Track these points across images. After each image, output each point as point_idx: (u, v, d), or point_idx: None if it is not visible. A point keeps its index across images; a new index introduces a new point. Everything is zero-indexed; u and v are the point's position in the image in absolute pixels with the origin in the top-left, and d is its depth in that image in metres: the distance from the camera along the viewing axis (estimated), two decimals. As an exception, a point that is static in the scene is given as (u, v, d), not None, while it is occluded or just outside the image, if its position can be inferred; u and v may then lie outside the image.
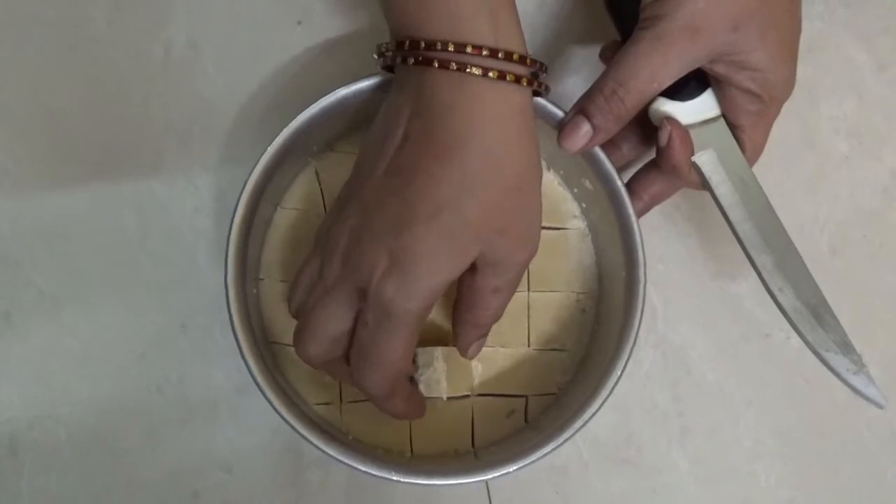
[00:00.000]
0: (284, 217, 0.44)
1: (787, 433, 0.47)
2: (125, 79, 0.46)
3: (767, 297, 0.48)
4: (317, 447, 0.38)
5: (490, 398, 0.44)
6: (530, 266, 0.45)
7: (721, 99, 0.40)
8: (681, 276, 0.48)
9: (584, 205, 0.45)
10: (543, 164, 0.45)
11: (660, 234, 0.48)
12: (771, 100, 0.39)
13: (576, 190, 0.45)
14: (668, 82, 0.38)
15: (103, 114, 0.46)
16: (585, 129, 0.39)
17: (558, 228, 0.46)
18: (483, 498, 0.45)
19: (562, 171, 0.45)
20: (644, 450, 0.46)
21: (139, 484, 0.44)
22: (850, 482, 0.47)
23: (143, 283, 0.45)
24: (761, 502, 0.47)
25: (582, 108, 0.39)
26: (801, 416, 0.48)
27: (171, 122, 0.46)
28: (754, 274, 0.48)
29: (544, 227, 0.45)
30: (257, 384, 0.38)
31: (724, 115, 0.41)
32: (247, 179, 0.39)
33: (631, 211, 0.41)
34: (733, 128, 0.40)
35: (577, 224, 0.46)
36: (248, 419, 0.45)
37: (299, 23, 0.47)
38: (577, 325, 0.45)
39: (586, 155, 0.41)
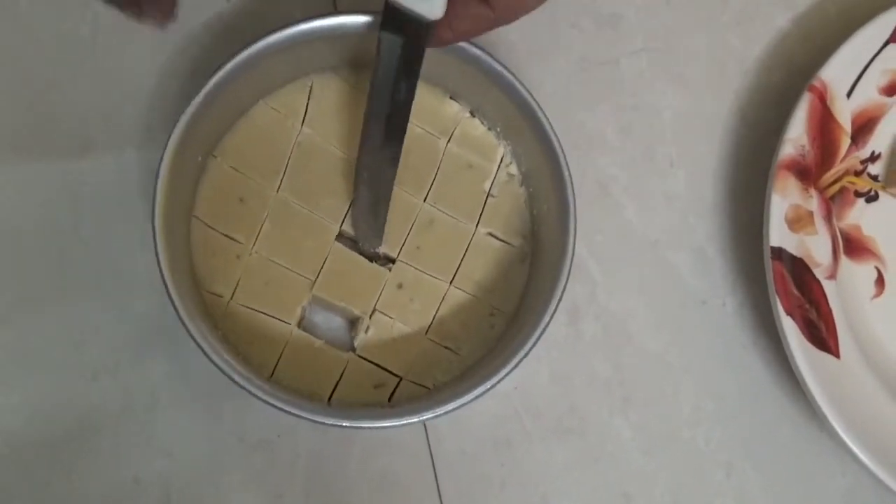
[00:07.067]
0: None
1: (724, 398, 0.48)
2: (50, 58, 0.45)
3: (704, 266, 0.49)
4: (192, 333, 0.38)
5: (367, 364, 0.43)
6: (462, 263, 0.44)
7: None
8: (619, 247, 0.49)
9: (536, 227, 0.45)
10: (519, 178, 0.45)
11: (598, 205, 0.49)
12: None
13: (535, 211, 0.45)
14: None
15: (28, 96, 0.45)
16: None
17: (506, 242, 0.45)
18: (429, 472, 0.45)
19: (531, 189, 0.45)
20: (587, 419, 0.47)
21: (79, 474, 0.43)
22: (787, 443, 0.49)
23: (76, 270, 0.44)
24: (702, 466, 0.48)
25: None
26: (739, 380, 0.49)
27: (95, 103, 0.45)
28: (691, 244, 0.49)
29: (493, 236, 0.45)
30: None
31: None
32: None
33: (572, 240, 0.41)
34: None
35: (524, 245, 0.45)
36: (190, 404, 0.44)
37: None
38: (480, 337, 0.44)
39: (555, 174, 0.41)
